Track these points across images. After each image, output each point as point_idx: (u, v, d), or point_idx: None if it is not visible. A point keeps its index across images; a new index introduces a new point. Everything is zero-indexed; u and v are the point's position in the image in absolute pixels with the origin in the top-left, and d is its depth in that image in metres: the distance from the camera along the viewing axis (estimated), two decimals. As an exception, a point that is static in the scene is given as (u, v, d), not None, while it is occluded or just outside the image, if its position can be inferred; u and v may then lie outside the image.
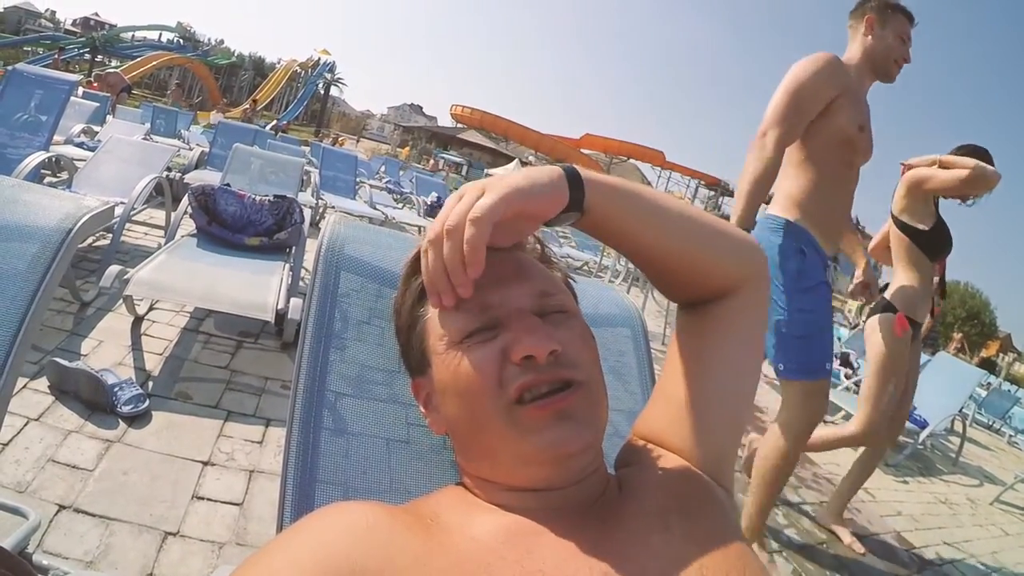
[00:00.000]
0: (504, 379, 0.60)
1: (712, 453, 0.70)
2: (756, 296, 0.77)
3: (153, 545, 1.68)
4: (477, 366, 0.61)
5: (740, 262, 0.76)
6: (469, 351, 0.62)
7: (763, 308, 0.78)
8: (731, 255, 0.75)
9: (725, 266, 0.75)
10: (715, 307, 0.76)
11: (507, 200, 0.59)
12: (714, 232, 0.74)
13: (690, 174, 50.51)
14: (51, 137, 4.47)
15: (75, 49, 32.71)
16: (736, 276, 0.75)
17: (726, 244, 0.75)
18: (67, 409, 2.18)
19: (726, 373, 0.74)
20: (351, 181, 8.63)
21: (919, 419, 5.14)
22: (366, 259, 0.95)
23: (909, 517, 3.81)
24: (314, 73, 43.07)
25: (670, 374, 0.77)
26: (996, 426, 10.30)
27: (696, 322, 0.78)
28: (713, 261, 0.74)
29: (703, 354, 0.75)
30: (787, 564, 2.63)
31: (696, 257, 0.73)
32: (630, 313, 1.19)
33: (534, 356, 0.59)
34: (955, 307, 41.05)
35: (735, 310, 0.75)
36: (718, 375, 0.74)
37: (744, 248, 0.77)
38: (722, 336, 0.75)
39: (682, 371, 0.75)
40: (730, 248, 0.75)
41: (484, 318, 0.63)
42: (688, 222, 0.72)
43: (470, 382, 0.61)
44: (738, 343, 0.75)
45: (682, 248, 0.72)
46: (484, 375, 0.60)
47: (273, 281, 3.15)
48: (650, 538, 0.56)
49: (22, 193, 1.08)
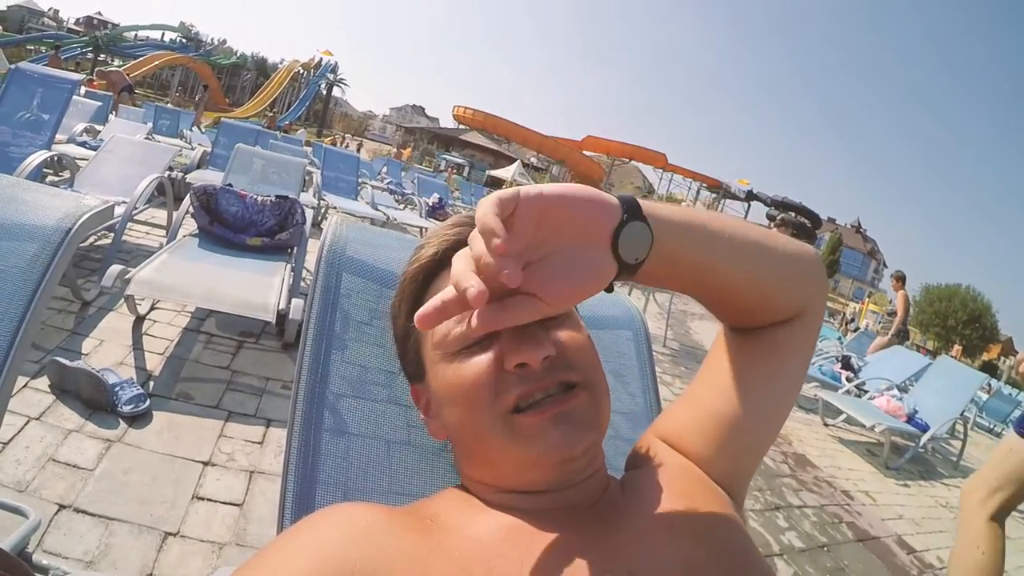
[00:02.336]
0: (499, 389, 0.59)
1: (730, 468, 0.69)
2: (816, 318, 0.73)
3: (153, 545, 1.68)
4: (472, 376, 0.60)
5: (805, 284, 0.71)
6: (464, 360, 0.61)
7: (816, 334, 0.74)
8: (796, 277, 0.70)
9: (791, 291, 0.70)
10: (774, 334, 0.72)
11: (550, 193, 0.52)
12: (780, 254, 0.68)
13: (692, 176, 50.63)
14: (53, 136, 4.47)
15: (77, 48, 32.76)
16: (802, 301, 0.71)
17: (792, 266, 0.69)
18: (68, 408, 2.18)
19: (771, 402, 0.72)
20: (353, 182, 8.65)
21: (920, 422, 5.14)
22: (368, 261, 0.95)
23: (910, 521, 3.80)
24: (316, 73, 43.18)
25: (709, 383, 0.75)
26: (997, 430, 10.29)
27: (749, 345, 0.73)
28: (780, 286, 0.69)
29: (755, 380, 0.71)
30: (788, 568, 2.62)
31: (763, 285, 0.68)
32: (632, 315, 1.19)
33: (528, 364, 0.58)
34: (957, 310, 40.96)
35: (794, 338, 0.72)
36: (763, 402, 0.71)
37: (810, 270, 0.71)
38: (778, 365, 0.72)
39: (727, 388, 0.72)
40: (795, 269, 0.70)
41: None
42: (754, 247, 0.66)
43: (465, 392, 0.60)
44: (789, 374, 0.72)
45: (749, 278, 0.67)
46: (479, 386, 0.59)
47: (274, 281, 3.15)
48: (653, 538, 0.56)
49: (22, 192, 1.08)
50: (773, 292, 0.69)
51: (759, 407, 0.71)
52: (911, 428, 5.05)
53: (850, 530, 3.26)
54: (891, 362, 7.17)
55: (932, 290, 44.10)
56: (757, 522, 2.96)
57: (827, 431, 5.34)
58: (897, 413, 5.16)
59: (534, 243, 0.52)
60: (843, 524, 3.31)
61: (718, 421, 0.70)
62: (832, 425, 5.51)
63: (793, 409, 3.04)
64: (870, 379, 6.48)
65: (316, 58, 44.19)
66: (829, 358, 7.59)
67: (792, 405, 0.74)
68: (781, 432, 3.07)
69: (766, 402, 0.71)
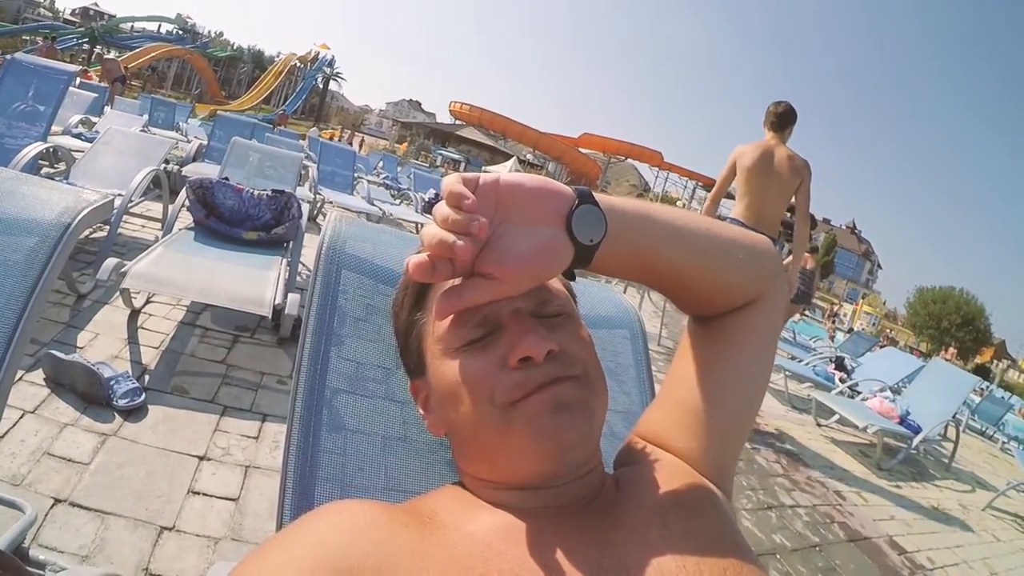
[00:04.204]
0: (501, 386, 0.59)
1: (714, 459, 0.70)
2: (772, 304, 0.74)
3: (149, 540, 1.68)
4: (474, 373, 0.61)
5: (761, 275, 0.73)
6: (466, 357, 0.62)
7: (777, 316, 0.76)
8: (749, 267, 0.72)
9: (744, 279, 0.72)
10: (731, 320, 0.73)
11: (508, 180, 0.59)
12: (731, 244, 0.70)
13: (688, 175, 50.69)
14: (49, 127, 4.45)
15: (73, 39, 32.59)
16: (757, 290, 0.72)
17: (744, 256, 0.71)
18: (63, 402, 2.18)
19: (737, 385, 0.73)
20: (349, 176, 8.61)
21: (913, 424, 5.17)
22: (367, 257, 0.95)
23: (902, 522, 3.82)
24: (313, 67, 43.05)
25: (679, 378, 0.76)
26: (989, 432, 10.36)
27: (710, 334, 0.75)
28: (733, 276, 0.71)
29: (715, 365, 0.73)
30: (781, 567, 2.63)
31: (716, 274, 0.70)
32: (628, 314, 1.20)
33: (531, 357, 0.59)
34: (950, 313, 41.19)
35: (751, 323, 0.73)
36: (729, 386, 0.72)
37: (763, 256, 0.73)
38: (736, 351, 0.73)
39: (692, 378, 0.74)
40: (747, 259, 0.71)
41: (481, 320, 0.62)
42: (705, 238, 0.68)
43: (467, 388, 0.61)
44: (751, 358, 0.73)
45: (701, 267, 0.69)
46: (481, 382, 0.60)
47: (270, 276, 3.14)
48: (648, 534, 0.57)
49: (21, 186, 1.07)
50: (726, 278, 0.71)
51: (729, 395, 0.72)
52: (903, 430, 5.08)
53: (842, 530, 3.27)
54: (884, 363, 7.22)
55: (926, 292, 44.34)
56: (749, 521, 2.97)
57: (820, 431, 5.37)
58: (890, 414, 5.19)
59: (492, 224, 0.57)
60: (835, 524, 3.33)
61: (692, 412, 0.72)
62: (825, 425, 5.53)
63: (786, 409, 3.10)
64: (863, 380, 6.52)
65: (313, 52, 44.07)
66: (823, 359, 7.63)
67: (764, 389, 0.76)
68: (774, 432, 3.10)
69: (735, 388, 0.72)
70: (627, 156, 51.50)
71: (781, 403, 5.89)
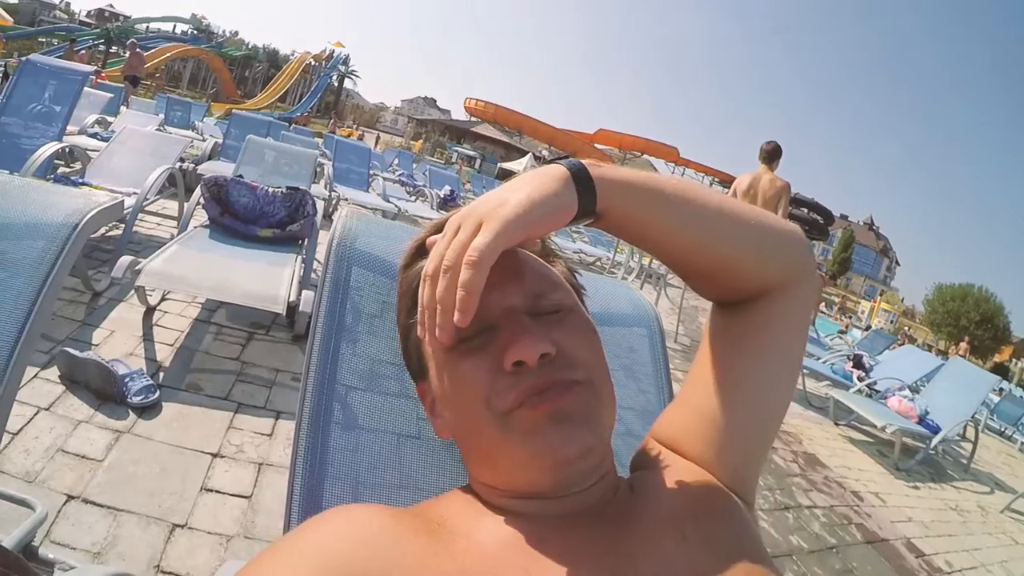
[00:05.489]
0: (496, 389, 0.57)
1: (734, 467, 0.66)
2: (800, 297, 0.69)
3: (161, 537, 1.68)
4: (469, 376, 0.59)
5: (784, 262, 0.68)
6: (461, 359, 0.59)
7: (806, 311, 0.70)
8: (774, 254, 0.67)
9: (766, 267, 0.67)
10: (753, 310, 0.69)
11: (506, 235, 0.54)
12: (755, 228, 0.65)
13: (704, 171, 50.42)
14: (65, 127, 4.48)
15: (89, 40, 32.93)
16: (780, 277, 0.67)
17: (768, 241, 0.66)
18: (77, 399, 2.19)
19: (759, 388, 0.68)
20: (364, 173, 8.63)
21: (931, 424, 5.10)
22: (377, 253, 0.94)
23: (919, 523, 3.77)
24: (328, 65, 43.23)
25: (697, 381, 0.71)
26: (1008, 433, 10.20)
27: (731, 326, 0.71)
28: (753, 261, 0.66)
29: (736, 364, 0.69)
30: (798, 568, 2.60)
31: (733, 258, 0.65)
32: (645, 311, 1.17)
33: (525, 361, 0.56)
34: (969, 311, 40.78)
35: (776, 315, 0.68)
36: (750, 386, 0.68)
37: (789, 244, 0.68)
38: (759, 349, 0.68)
39: (711, 380, 0.69)
40: (773, 246, 0.67)
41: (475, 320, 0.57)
42: (723, 218, 0.64)
43: (463, 392, 0.59)
44: (776, 357, 0.68)
45: (717, 248, 0.65)
46: (476, 386, 0.58)
47: (285, 273, 3.15)
48: (663, 544, 0.54)
49: (30, 191, 1.07)
50: (744, 265, 0.66)
51: (750, 396, 0.68)
52: (922, 429, 5.01)
53: (859, 532, 3.24)
54: (903, 362, 7.14)
55: (945, 289, 43.89)
56: (767, 522, 2.94)
57: (838, 431, 5.30)
58: (908, 414, 5.12)
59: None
60: (852, 525, 3.29)
61: (710, 418, 0.68)
62: (843, 425, 5.47)
63: (804, 408, 3.07)
64: (882, 379, 6.44)
65: (328, 50, 44.25)
66: (841, 356, 7.55)
67: (789, 392, 0.70)
68: (791, 431, 3.07)
69: (756, 389, 0.68)
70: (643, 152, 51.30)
71: (798, 402, 5.82)
